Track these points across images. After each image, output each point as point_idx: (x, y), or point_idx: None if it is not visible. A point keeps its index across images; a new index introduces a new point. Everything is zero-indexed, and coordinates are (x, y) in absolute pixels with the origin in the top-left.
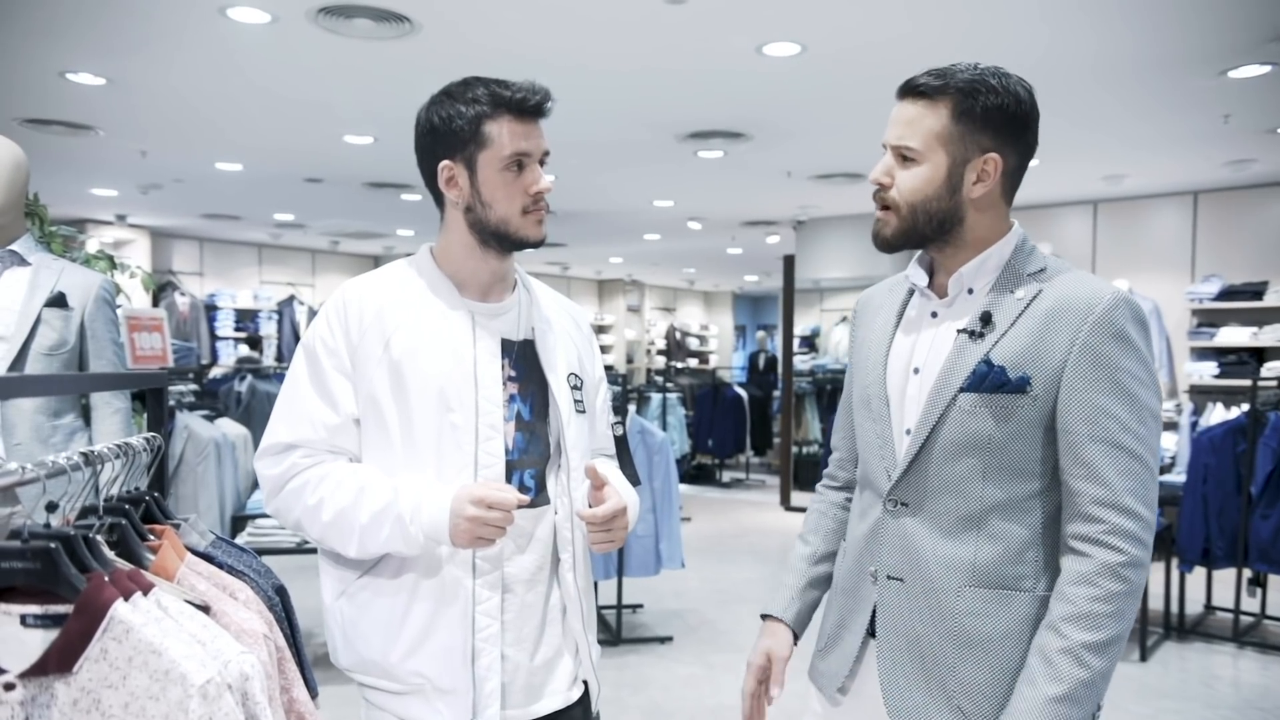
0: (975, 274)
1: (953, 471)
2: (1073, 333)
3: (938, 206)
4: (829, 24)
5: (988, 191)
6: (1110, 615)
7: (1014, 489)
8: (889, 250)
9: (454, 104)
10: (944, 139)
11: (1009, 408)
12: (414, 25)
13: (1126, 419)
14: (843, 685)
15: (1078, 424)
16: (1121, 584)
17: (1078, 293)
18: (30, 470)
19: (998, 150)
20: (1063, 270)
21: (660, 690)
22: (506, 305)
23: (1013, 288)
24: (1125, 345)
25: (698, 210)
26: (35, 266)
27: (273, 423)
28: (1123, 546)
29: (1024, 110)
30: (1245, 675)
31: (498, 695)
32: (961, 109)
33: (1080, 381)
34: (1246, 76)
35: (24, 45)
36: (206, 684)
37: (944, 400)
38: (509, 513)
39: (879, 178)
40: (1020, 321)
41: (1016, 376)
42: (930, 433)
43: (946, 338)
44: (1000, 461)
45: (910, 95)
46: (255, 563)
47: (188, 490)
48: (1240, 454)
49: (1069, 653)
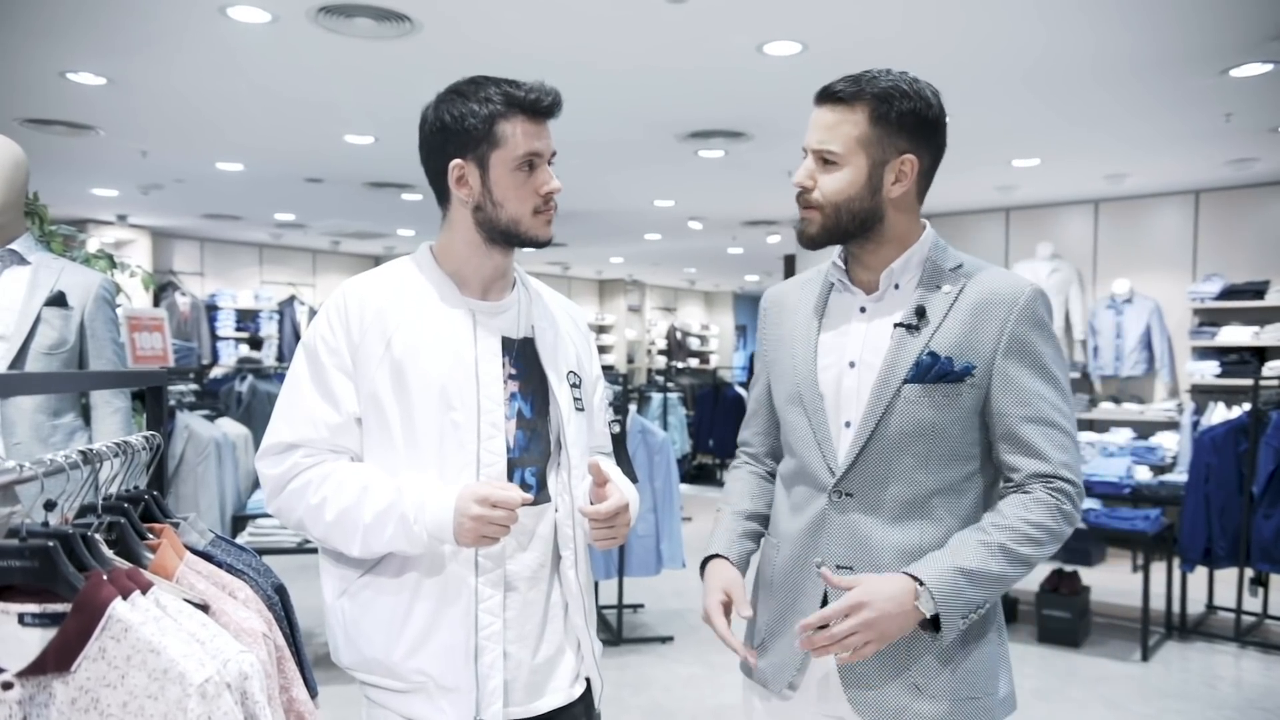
0: (902, 270)
1: (898, 460)
2: (1000, 323)
3: (860, 206)
4: (829, 23)
5: (905, 191)
6: (1031, 540)
7: (953, 472)
8: (813, 247)
9: (466, 103)
10: (863, 142)
11: (950, 396)
12: (414, 24)
13: (1054, 398)
14: (793, 679)
15: (1012, 406)
16: (1052, 521)
17: (1000, 286)
18: (29, 468)
19: (913, 152)
20: (978, 266)
21: (661, 690)
22: (506, 304)
23: (938, 283)
24: (1044, 333)
25: (698, 210)
26: (35, 266)
27: (274, 422)
28: (1062, 496)
29: (934, 114)
30: (1247, 675)
31: (500, 693)
32: (878, 114)
33: (1011, 367)
34: (1248, 75)
35: (25, 45)
36: (205, 683)
37: (889, 392)
38: (513, 511)
39: (802, 181)
40: (951, 314)
41: (961, 365)
42: (876, 424)
43: (882, 331)
44: (942, 448)
45: (828, 101)
46: (255, 562)
47: (188, 490)
48: (1242, 453)
49: (986, 545)
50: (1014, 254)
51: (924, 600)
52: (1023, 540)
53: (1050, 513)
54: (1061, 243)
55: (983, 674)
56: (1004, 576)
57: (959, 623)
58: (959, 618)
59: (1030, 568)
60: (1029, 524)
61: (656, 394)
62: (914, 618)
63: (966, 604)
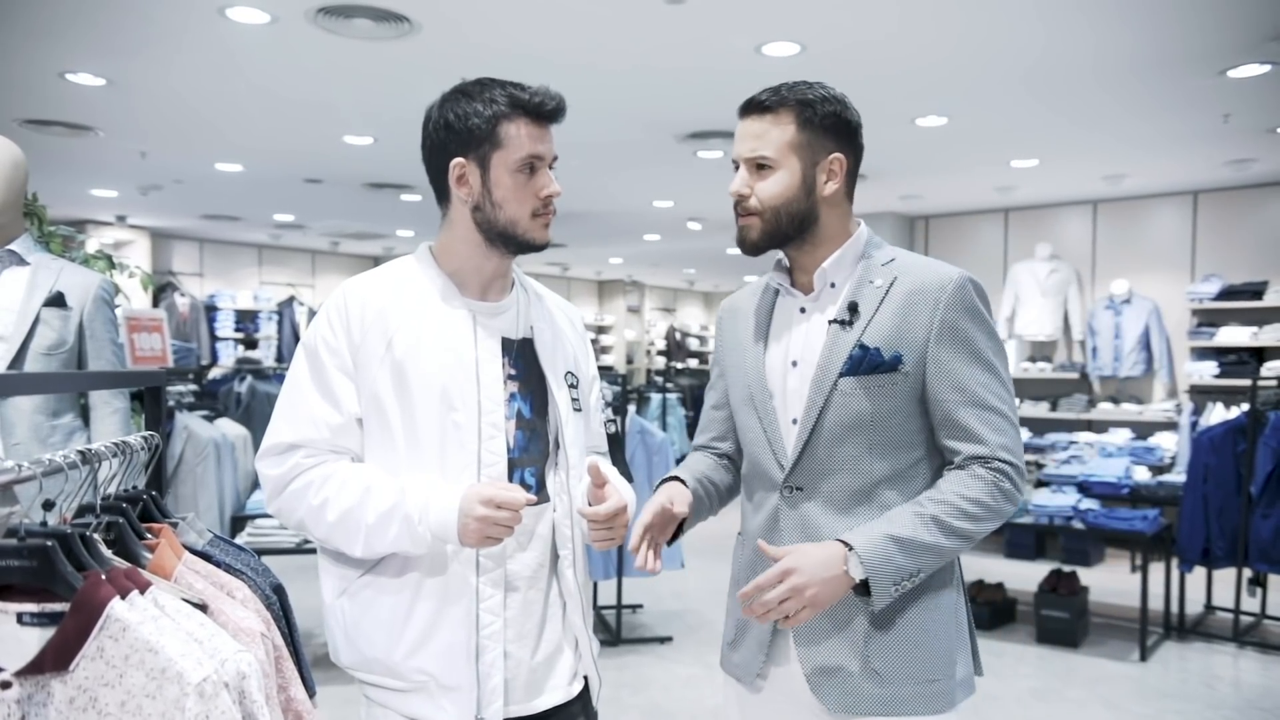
0: (836, 268)
1: (842, 452)
2: (930, 312)
3: (797, 207)
4: (828, 24)
5: (836, 190)
6: (965, 514)
7: (898, 460)
8: (755, 253)
9: (471, 103)
10: (795, 146)
11: (885, 386)
12: (413, 25)
13: (989, 382)
14: (761, 670)
15: (948, 392)
16: (989, 498)
17: (928, 276)
18: (27, 468)
19: (840, 151)
20: (910, 260)
21: (660, 690)
22: (505, 304)
23: (871, 278)
24: (976, 318)
25: (697, 211)
26: (34, 266)
27: (274, 423)
28: (1000, 476)
29: (852, 116)
30: (1246, 675)
31: (501, 691)
32: (804, 118)
33: (944, 354)
34: (1246, 76)
35: (24, 46)
36: (203, 682)
37: (826, 387)
38: (518, 512)
39: (739, 190)
40: (883, 307)
41: (890, 355)
42: (817, 419)
43: (818, 329)
44: (884, 437)
45: (754, 112)
46: (253, 561)
47: (187, 490)
48: (1240, 454)
49: (919, 515)
50: (1013, 255)
51: (853, 565)
52: (957, 514)
53: (987, 489)
54: (1060, 243)
55: (941, 657)
56: (937, 546)
57: (890, 589)
58: (890, 584)
59: (968, 541)
60: (964, 499)
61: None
62: (844, 583)
63: (897, 570)
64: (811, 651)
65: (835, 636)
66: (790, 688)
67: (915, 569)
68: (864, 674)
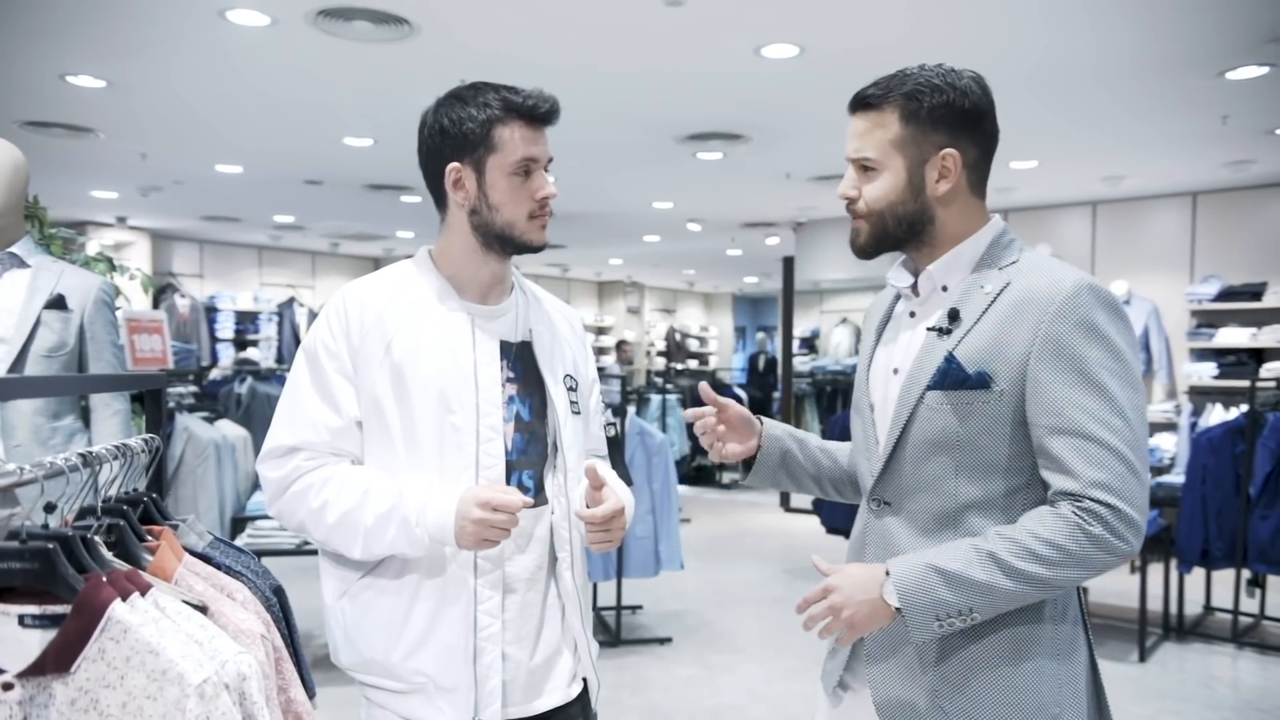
0: (947, 271)
1: (927, 470)
2: (1035, 324)
3: (905, 210)
4: (827, 26)
5: (952, 187)
6: (1034, 556)
7: (989, 486)
8: (865, 257)
9: (465, 107)
10: (898, 144)
11: (972, 404)
12: (413, 27)
13: (1095, 408)
14: (841, 681)
15: (1042, 417)
16: (1070, 541)
17: (1041, 283)
18: (28, 471)
19: (954, 145)
20: (1035, 263)
21: (659, 691)
22: (505, 307)
23: (982, 282)
24: (1091, 334)
25: (697, 212)
26: (34, 269)
27: (275, 426)
28: (1089, 518)
29: (973, 103)
30: (1244, 676)
31: (499, 693)
32: (909, 112)
33: (1044, 373)
34: (1245, 77)
35: (24, 48)
36: (204, 684)
37: (913, 398)
38: (514, 515)
39: (847, 192)
40: (987, 316)
41: (975, 372)
42: (903, 431)
43: (920, 337)
44: (971, 459)
45: (860, 108)
46: (253, 563)
47: (187, 492)
48: (1239, 455)
49: (976, 549)
50: None
51: (888, 590)
52: (1022, 553)
53: (1068, 531)
54: (1059, 244)
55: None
56: (992, 586)
57: (931, 624)
58: (929, 617)
59: (1039, 587)
60: (1035, 538)
61: (655, 395)
62: (883, 608)
63: (937, 604)
64: (879, 677)
65: (904, 667)
66: (865, 709)
67: (964, 607)
68: (931, 711)
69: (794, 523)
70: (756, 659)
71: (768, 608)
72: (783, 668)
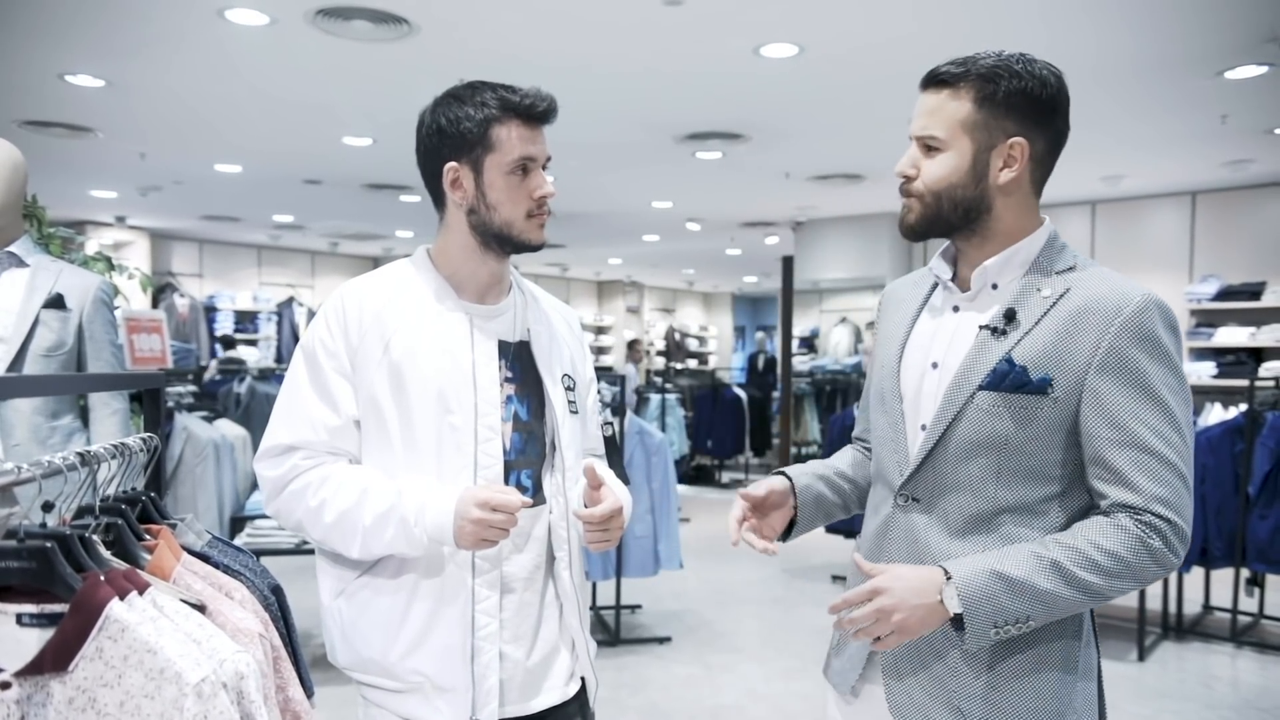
0: (1001, 269)
1: (966, 470)
2: (1099, 334)
3: (963, 194)
4: (827, 25)
5: (1015, 178)
6: (1095, 566)
7: (1029, 492)
8: (915, 238)
9: (462, 106)
10: (968, 125)
11: (1029, 409)
12: (412, 27)
13: (1157, 424)
14: (855, 684)
15: (1103, 428)
16: (1129, 553)
17: (1106, 293)
18: (27, 470)
19: (1024, 135)
20: (1092, 270)
21: (659, 691)
22: (503, 307)
23: (1039, 285)
24: (1155, 350)
25: (696, 211)
26: (33, 268)
27: (273, 425)
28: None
29: (1050, 94)
30: (1243, 675)
31: (496, 693)
32: (984, 94)
33: (1105, 385)
34: (1244, 77)
35: (23, 47)
36: (201, 682)
37: (962, 397)
38: (513, 515)
39: (905, 170)
40: (1045, 320)
41: (1038, 377)
42: (946, 429)
43: (968, 333)
44: (1016, 463)
45: (933, 85)
46: (251, 562)
47: (186, 491)
48: (1238, 454)
49: (1038, 557)
50: None
51: (948, 596)
52: (1085, 563)
53: (1129, 543)
54: None
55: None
56: (1054, 596)
57: (989, 630)
58: (988, 625)
59: (1094, 598)
60: (1098, 548)
61: (655, 395)
62: (939, 613)
63: (998, 611)
64: (896, 682)
65: (922, 672)
66: (881, 710)
67: (1023, 614)
68: (946, 709)
69: None
70: (756, 658)
71: (767, 607)
72: (782, 667)
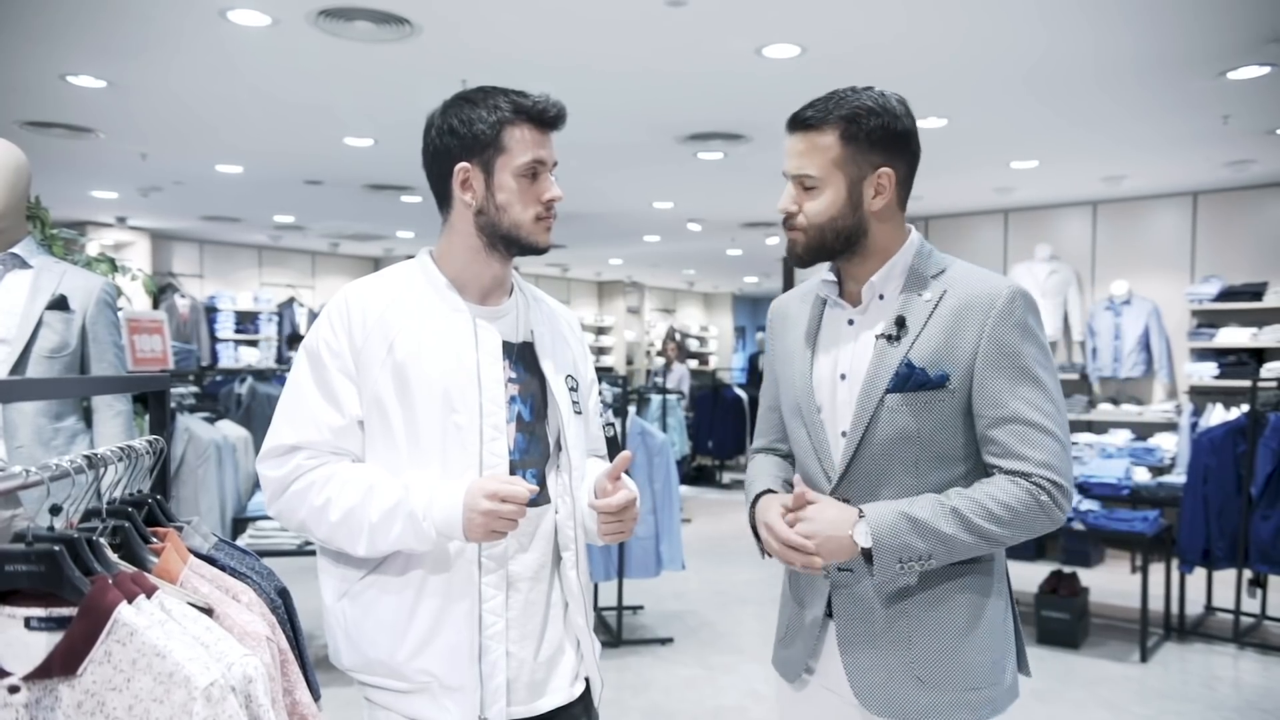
0: (885, 281)
1: (890, 465)
2: (979, 327)
3: (843, 224)
4: (828, 26)
5: (886, 203)
6: (991, 515)
7: (943, 474)
8: (802, 266)
9: (475, 109)
10: (838, 163)
11: (930, 403)
12: (414, 28)
13: (1036, 399)
14: (807, 666)
15: (989, 409)
16: (1021, 505)
17: (979, 290)
18: (34, 473)
19: (889, 164)
20: (961, 271)
21: (661, 691)
22: (505, 308)
23: (919, 290)
24: (1025, 333)
25: (697, 212)
26: (37, 269)
27: (276, 425)
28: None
29: (903, 125)
30: (1246, 676)
31: (504, 691)
32: (848, 134)
33: (989, 370)
34: (1245, 78)
35: (24, 48)
36: (210, 686)
37: (873, 402)
38: (522, 505)
39: (787, 207)
40: (931, 322)
41: (936, 374)
42: (864, 433)
43: (866, 343)
44: (929, 452)
45: (800, 129)
46: (258, 565)
47: (188, 492)
48: (1240, 455)
49: (941, 504)
50: (1012, 255)
51: (859, 531)
52: (981, 512)
53: (1021, 497)
54: (1060, 244)
55: (986, 665)
56: (954, 539)
57: (894, 564)
58: (894, 559)
59: (989, 543)
60: (993, 500)
61: (656, 396)
62: (849, 547)
63: (904, 548)
64: (854, 654)
65: (878, 641)
66: (835, 686)
67: (925, 553)
68: (906, 680)
69: None
70: (758, 659)
71: (769, 608)
72: None
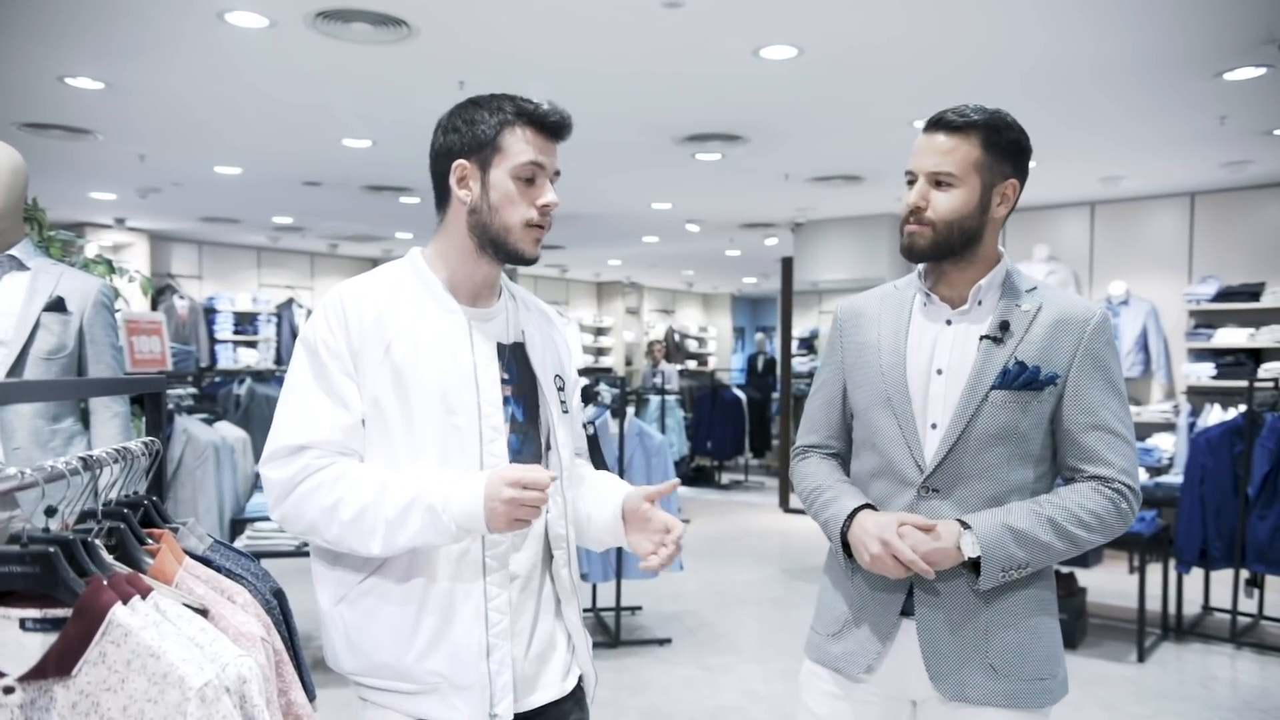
0: (988, 288)
1: (984, 459)
2: (1075, 340)
3: (969, 224)
4: (826, 27)
5: (1006, 213)
6: (1080, 521)
7: (1029, 472)
8: (918, 260)
9: (479, 110)
10: (978, 166)
11: (1030, 402)
12: (412, 29)
13: (1118, 410)
14: (874, 661)
15: (1082, 415)
16: (1105, 512)
17: (1074, 308)
18: (29, 475)
19: (1016, 178)
20: (1049, 289)
21: (659, 692)
22: (496, 310)
23: (1017, 301)
24: (1113, 351)
25: (696, 212)
26: (34, 271)
27: (279, 426)
28: (1119, 496)
29: (1028, 145)
30: (1243, 676)
31: (510, 688)
32: (990, 141)
33: (1083, 381)
34: (1243, 78)
35: (23, 49)
36: (204, 687)
37: (977, 398)
38: (544, 492)
39: (917, 202)
40: (1032, 329)
41: (1047, 374)
42: (964, 427)
43: (967, 342)
44: (1023, 449)
45: (941, 129)
46: (253, 566)
47: (186, 494)
48: (1237, 455)
49: (1037, 514)
50: (1010, 256)
51: (966, 542)
52: (1072, 519)
53: (1106, 504)
54: (1058, 245)
55: (1049, 658)
56: (1049, 546)
57: (998, 573)
58: (998, 569)
59: (1077, 548)
60: (1082, 508)
61: (654, 396)
62: (953, 556)
63: (1008, 558)
64: (934, 645)
65: (958, 631)
66: (903, 677)
67: (1025, 561)
68: (981, 668)
69: (793, 523)
70: (756, 659)
71: (767, 608)
72: (782, 668)
